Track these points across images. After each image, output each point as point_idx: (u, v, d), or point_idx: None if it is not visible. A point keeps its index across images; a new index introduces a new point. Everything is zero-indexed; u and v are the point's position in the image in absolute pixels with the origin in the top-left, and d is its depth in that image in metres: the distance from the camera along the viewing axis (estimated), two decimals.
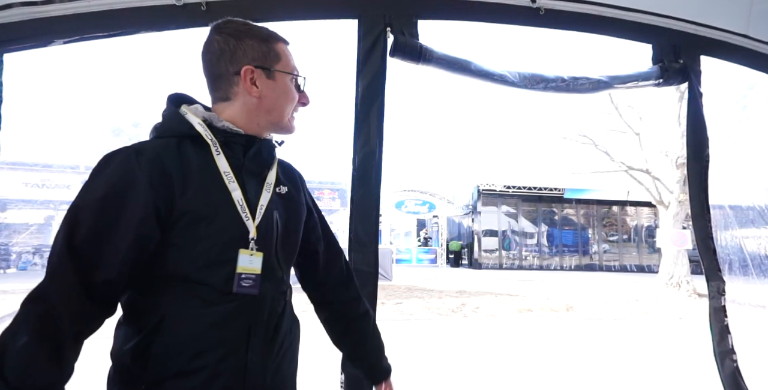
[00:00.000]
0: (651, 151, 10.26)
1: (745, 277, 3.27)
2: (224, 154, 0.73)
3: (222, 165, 0.73)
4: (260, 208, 0.75)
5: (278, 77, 0.77)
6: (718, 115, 5.29)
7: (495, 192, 16.98)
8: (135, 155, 0.66)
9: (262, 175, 0.79)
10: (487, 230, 16.99)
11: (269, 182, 0.79)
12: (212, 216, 0.69)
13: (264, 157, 0.79)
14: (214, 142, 0.73)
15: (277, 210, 0.79)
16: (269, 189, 0.79)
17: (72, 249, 0.60)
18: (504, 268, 16.50)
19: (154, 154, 0.67)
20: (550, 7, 1.37)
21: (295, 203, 0.84)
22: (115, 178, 0.63)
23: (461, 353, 4.02)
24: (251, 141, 0.77)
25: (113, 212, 0.62)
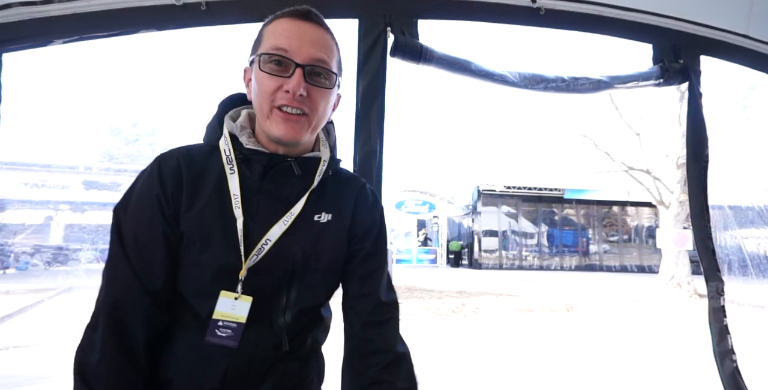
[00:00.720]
0: (651, 151, 10.26)
1: (745, 278, 3.27)
2: (239, 174, 0.65)
3: (233, 186, 0.64)
4: (264, 243, 0.63)
5: (254, 67, 0.63)
6: (719, 116, 5.30)
7: (495, 192, 16.98)
8: (158, 165, 0.64)
9: (285, 200, 0.66)
10: (487, 230, 16.99)
11: (293, 212, 0.65)
12: (205, 243, 0.62)
13: (292, 179, 0.66)
14: (230, 158, 0.65)
15: (301, 244, 0.65)
16: (289, 219, 0.65)
17: (125, 254, 0.61)
18: (504, 268, 16.50)
19: (175, 164, 0.64)
20: (551, 6, 1.37)
21: (334, 235, 0.69)
22: (142, 189, 0.64)
23: (461, 353, 4.02)
24: (274, 160, 0.66)
25: (141, 220, 0.63)
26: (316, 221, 0.68)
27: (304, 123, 0.63)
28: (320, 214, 0.69)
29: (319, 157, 0.70)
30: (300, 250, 0.66)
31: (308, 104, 0.62)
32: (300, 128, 0.63)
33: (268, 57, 0.61)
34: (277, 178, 0.66)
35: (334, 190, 0.73)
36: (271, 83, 0.61)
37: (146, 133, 18.37)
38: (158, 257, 0.61)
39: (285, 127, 0.62)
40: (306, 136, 0.65)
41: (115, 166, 14.98)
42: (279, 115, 0.62)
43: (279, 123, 0.62)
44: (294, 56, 0.61)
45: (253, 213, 0.64)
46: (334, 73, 0.65)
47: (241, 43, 1.80)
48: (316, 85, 0.63)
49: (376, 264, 0.74)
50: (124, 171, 14.22)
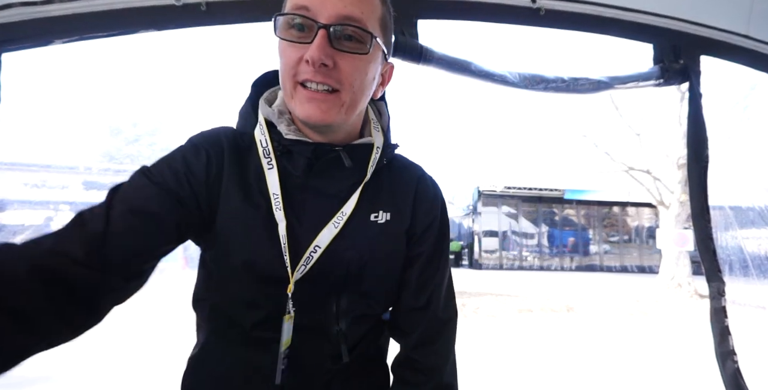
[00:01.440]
0: (652, 151, 10.26)
1: (746, 278, 3.27)
2: (278, 169, 0.54)
3: (272, 184, 0.54)
4: (312, 251, 0.54)
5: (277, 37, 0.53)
6: (719, 116, 5.30)
7: (495, 193, 16.97)
8: (201, 139, 0.56)
9: (335, 198, 0.56)
10: (487, 231, 16.99)
11: (345, 211, 0.56)
12: (245, 248, 0.53)
13: (342, 172, 0.56)
14: (267, 151, 0.54)
15: (357, 248, 0.56)
16: (340, 220, 0.55)
17: (109, 209, 0.51)
18: (504, 268, 16.49)
19: (220, 144, 0.55)
20: (551, 7, 1.37)
21: (393, 238, 0.60)
22: (177, 156, 0.55)
23: (461, 353, 4.01)
24: (320, 150, 0.54)
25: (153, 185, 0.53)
26: (373, 221, 0.58)
27: (334, 101, 0.50)
28: (377, 212, 0.58)
29: (371, 144, 0.59)
30: (356, 255, 0.56)
31: (336, 77, 0.49)
32: (328, 108, 0.50)
33: (285, 20, 0.49)
34: (325, 172, 0.55)
35: (390, 182, 0.61)
36: (291, 53, 0.49)
37: (146, 133, 18.38)
38: (141, 235, 0.45)
39: (310, 108, 0.50)
40: (339, 116, 0.52)
41: (115, 167, 14.99)
42: (303, 93, 0.50)
43: (303, 102, 0.50)
44: (317, 15, 0.47)
45: (299, 215, 0.54)
46: (370, 33, 0.50)
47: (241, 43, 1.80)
48: (346, 50, 0.49)
49: (435, 270, 0.64)
50: (124, 171, 14.24)
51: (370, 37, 0.50)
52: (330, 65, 0.48)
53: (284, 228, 0.53)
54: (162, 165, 0.51)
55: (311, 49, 0.47)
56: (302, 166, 0.55)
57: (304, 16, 0.48)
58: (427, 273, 0.63)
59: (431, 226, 0.64)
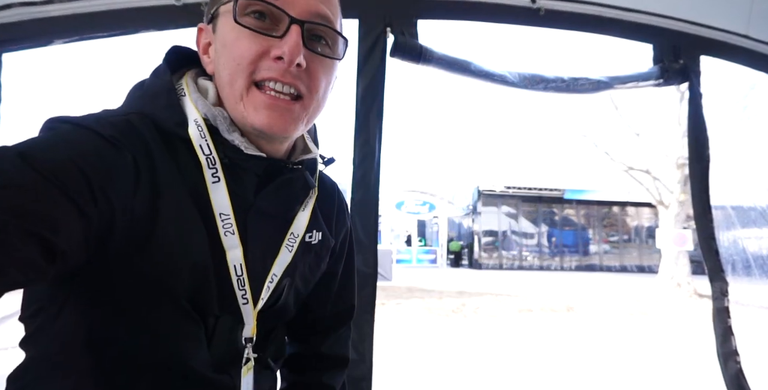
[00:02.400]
0: (651, 151, 10.27)
1: (749, 278, 3.26)
2: (226, 183, 0.43)
3: (219, 201, 0.42)
4: (270, 281, 0.47)
5: (220, 22, 0.43)
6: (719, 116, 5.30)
7: (495, 192, 16.98)
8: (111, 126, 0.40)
9: (281, 219, 0.49)
10: (487, 231, 16.99)
11: (295, 232, 0.49)
12: (183, 281, 0.41)
13: (295, 193, 0.49)
14: (212, 160, 0.42)
15: (292, 276, 0.50)
16: (293, 244, 0.49)
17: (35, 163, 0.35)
18: (504, 268, 16.49)
19: (141, 138, 0.40)
20: (550, 7, 1.37)
21: (321, 259, 0.56)
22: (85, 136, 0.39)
23: (461, 353, 4.01)
24: (274, 167, 0.46)
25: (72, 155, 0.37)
26: (309, 243, 0.52)
27: (299, 111, 0.43)
28: (311, 232, 0.52)
29: (315, 160, 0.53)
30: (288, 281, 0.50)
31: (305, 81, 0.42)
32: (294, 118, 0.42)
33: (246, 4, 0.40)
34: (274, 192, 0.46)
35: (321, 199, 0.55)
36: (252, 46, 0.40)
37: None
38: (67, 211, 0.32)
39: (271, 116, 0.41)
40: (300, 129, 0.45)
41: None
42: (260, 98, 0.41)
43: (259, 109, 0.41)
44: (287, 6, 0.40)
45: (244, 240, 0.45)
46: (343, 36, 0.45)
47: None
48: (320, 53, 0.43)
49: (352, 281, 0.66)
50: None
51: (341, 41, 0.45)
52: (303, 67, 0.41)
53: (240, 256, 0.43)
54: (58, 155, 0.34)
55: (287, 46, 0.39)
56: (250, 184, 0.45)
57: (273, 6, 0.40)
58: (348, 285, 0.65)
59: (345, 238, 0.63)
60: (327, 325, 0.65)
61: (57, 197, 0.31)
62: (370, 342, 1.14)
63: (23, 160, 0.31)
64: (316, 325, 0.65)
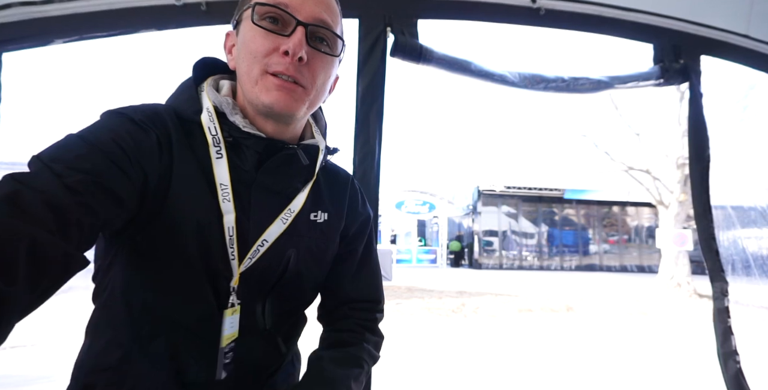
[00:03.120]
0: (651, 151, 10.27)
1: (748, 278, 3.26)
2: (228, 159, 0.54)
3: (220, 174, 0.53)
4: (260, 245, 0.55)
5: (242, 25, 0.54)
6: (719, 116, 5.30)
7: (495, 192, 16.98)
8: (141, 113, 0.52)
9: (281, 195, 0.58)
10: (487, 230, 16.99)
11: (292, 208, 0.58)
12: (189, 237, 0.51)
13: (293, 171, 0.58)
14: (217, 140, 0.53)
15: (297, 246, 0.59)
16: (288, 217, 0.57)
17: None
18: (504, 268, 16.49)
19: (165, 123, 0.52)
20: (551, 7, 1.37)
21: (330, 238, 0.63)
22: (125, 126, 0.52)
23: (461, 353, 4.01)
24: (271, 147, 0.55)
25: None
26: (313, 220, 0.61)
27: (301, 94, 0.53)
28: (317, 212, 0.61)
29: (317, 146, 0.61)
30: (295, 252, 0.58)
31: (306, 74, 0.52)
32: (297, 98, 0.52)
33: (264, 10, 0.51)
34: (275, 169, 0.56)
35: (328, 184, 0.65)
36: (265, 42, 0.50)
37: None
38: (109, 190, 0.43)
39: (279, 95, 0.51)
40: (302, 110, 0.54)
41: None
42: (272, 80, 0.51)
43: (270, 89, 0.51)
44: (296, 13, 0.51)
45: (246, 208, 0.54)
46: (340, 38, 0.55)
47: None
48: (319, 49, 0.53)
49: (370, 270, 0.72)
50: None
51: (339, 42, 0.56)
52: (305, 60, 0.51)
53: (233, 220, 0.53)
54: (104, 136, 0.46)
55: (292, 43, 0.50)
56: (251, 160, 0.55)
57: (284, 12, 0.51)
58: (369, 267, 0.71)
59: (363, 229, 0.70)
60: (351, 309, 0.69)
61: (109, 163, 0.44)
62: None
63: (83, 140, 0.45)
64: (339, 310, 0.69)
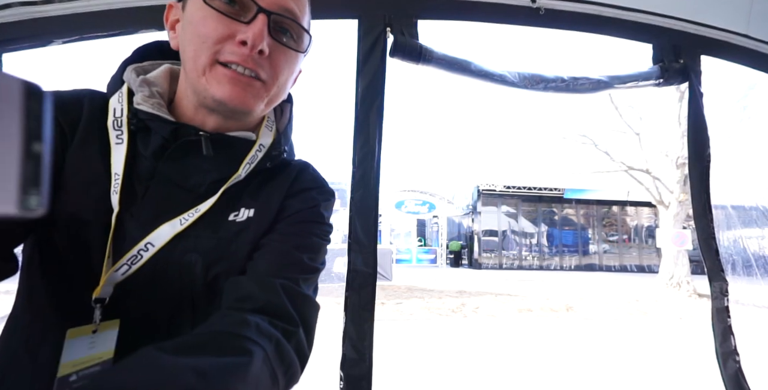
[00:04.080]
0: (651, 151, 10.27)
1: (749, 278, 3.26)
2: (128, 146, 0.46)
3: (115, 162, 0.45)
4: (142, 249, 0.45)
5: (189, 1, 0.46)
6: (719, 115, 5.30)
7: (495, 192, 16.98)
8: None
9: (188, 192, 0.48)
10: (486, 230, 17.00)
11: (200, 208, 0.47)
12: (66, 237, 0.44)
13: (201, 163, 0.47)
14: (119, 122, 0.46)
15: (202, 251, 0.47)
16: (189, 217, 0.47)
17: None
18: (504, 268, 16.50)
19: (77, 104, 0.47)
20: (551, 6, 1.37)
21: (254, 235, 0.51)
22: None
23: (461, 353, 4.01)
24: (181, 132, 0.46)
25: None
26: (231, 221, 0.50)
27: (260, 89, 0.46)
28: (237, 210, 0.50)
29: (249, 140, 0.51)
30: (199, 259, 0.47)
31: (267, 69, 0.45)
32: (255, 94, 0.46)
33: None
34: (180, 158, 0.46)
35: (264, 181, 0.53)
36: (218, 27, 0.43)
37: None
38: None
39: (232, 89, 0.44)
40: (259, 108, 0.48)
41: None
42: (223, 72, 0.44)
43: (222, 82, 0.44)
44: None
45: (136, 204, 0.46)
46: (307, 32, 0.49)
47: None
48: (283, 43, 0.46)
49: (296, 246, 0.51)
50: None
51: (306, 36, 0.49)
52: (266, 54, 0.44)
53: (114, 216, 0.44)
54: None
55: (252, 32, 0.42)
56: (154, 146, 0.46)
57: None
58: (285, 243, 0.51)
59: (304, 209, 0.54)
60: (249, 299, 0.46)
61: None
62: (370, 341, 1.14)
63: None
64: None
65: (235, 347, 0.36)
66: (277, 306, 0.44)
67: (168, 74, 0.52)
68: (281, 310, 0.44)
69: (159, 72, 0.52)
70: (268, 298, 0.44)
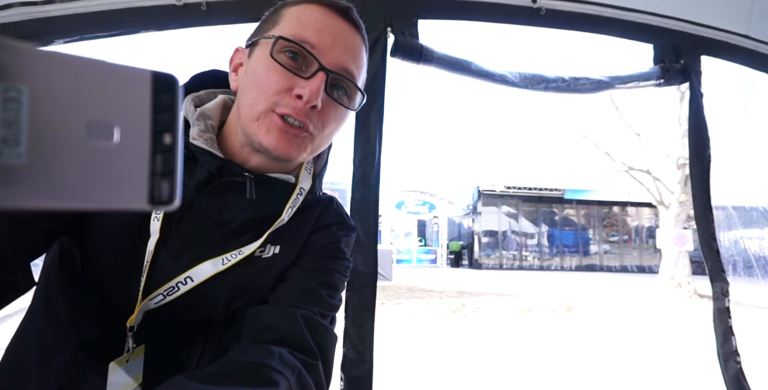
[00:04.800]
0: (652, 151, 10.26)
1: (750, 278, 3.26)
2: None
3: None
4: (181, 282, 0.46)
5: (257, 51, 0.48)
6: (720, 116, 5.29)
7: (495, 192, 16.98)
8: None
9: (225, 228, 0.49)
10: (487, 231, 16.99)
11: (244, 251, 0.49)
12: (106, 261, 0.46)
13: (241, 202, 0.49)
14: None
15: (228, 286, 0.49)
16: (233, 259, 0.48)
17: None
18: (504, 268, 16.49)
19: None
20: (551, 7, 1.37)
21: (278, 271, 0.53)
22: None
23: (461, 353, 4.01)
24: (226, 169, 0.48)
25: None
26: (257, 257, 0.51)
27: (306, 140, 0.48)
28: (264, 247, 0.51)
29: (289, 183, 0.53)
30: (223, 292, 0.49)
31: (316, 121, 0.47)
32: (300, 144, 0.47)
33: (286, 45, 0.45)
34: (220, 194, 0.48)
35: (291, 219, 0.54)
36: (280, 80, 0.45)
37: None
38: None
39: (280, 139, 0.46)
40: (302, 157, 0.49)
41: None
42: (276, 121, 0.45)
43: (272, 130, 0.45)
44: (321, 56, 0.46)
45: (170, 233, 0.47)
46: (362, 92, 0.51)
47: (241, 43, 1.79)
48: (337, 100, 0.48)
49: (320, 282, 0.53)
50: None
51: (359, 95, 0.51)
52: (318, 108, 0.46)
53: (153, 243, 0.46)
54: None
55: (310, 89, 0.44)
56: (198, 179, 0.48)
57: (309, 53, 0.46)
58: (311, 279, 0.53)
59: (326, 244, 0.56)
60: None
61: None
62: (370, 341, 1.14)
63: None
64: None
65: (262, 378, 0.39)
66: (298, 337, 0.46)
67: (222, 106, 0.54)
68: (302, 342, 0.46)
69: (214, 104, 0.54)
70: (288, 329, 0.46)
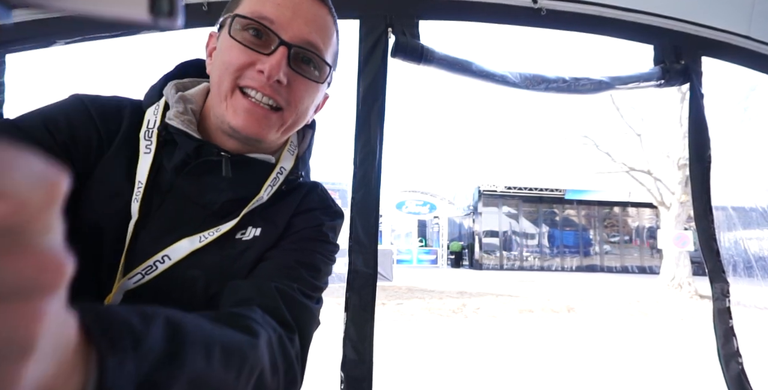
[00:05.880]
0: (652, 151, 10.26)
1: (750, 279, 3.25)
2: (154, 156, 0.48)
3: (141, 170, 0.48)
4: (158, 260, 0.46)
5: (222, 32, 0.49)
6: (720, 116, 5.29)
7: (496, 193, 16.98)
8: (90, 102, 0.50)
9: (203, 208, 0.50)
10: (487, 231, 16.99)
11: (221, 228, 0.49)
12: (86, 239, 0.45)
13: (219, 182, 0.49)
14: (150, 133, 0.49)
15: (205, 267, 0.48)
16: (210, 236, 0.48)
17: None
18: (505, 268, 16.48)
19: (101, 111, 0.49)
20: (552, 7, 1.37)
21: (248, 256, 0.51)
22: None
23: (462, 354, 4.01)
24: (204, 150, 0.49)
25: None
26: (237, 239, 0.50)
27: (275, 120, 0.49)
28: (245, 229, 0.51)
29: (269, 163, 0.53)
30: (201, 275, 0.48)
31: (285, 96, 0.48)
32: (268, 124, 0.48)
33: (244, 22, 0.46)
34: (199, 175, 0.49)
35: (273, 202, 0.54)
36: (240, 55, 0.46)
37: None
38: None
39: (247, 119, 0.47)
40: (274, 135, 0.50)
41: None
42: (241, 101, 0.47)
43: (238, 111, 0.47)
44: (281, 31, 0.46)
45: (150, 214, 0.48)
46: (328, 64, 0.51)
47: None
48: (302, 74, 0.49)
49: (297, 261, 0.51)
50: None
51: (327, 67, 0.51)
52: (284, 83, 0.47)
53: (133, 224, 0.46)
54: (37, 123, 0.45)
55: (270, 64, 0.45)
56: (176, 161, 0.48)
57: (267, 28, 0.46)
58: (286, 256, 0.51)
59: (308, 227, 0.54)
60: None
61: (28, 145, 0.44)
62: (370, 342, 1.14)
63: (15, 127, 0.44)
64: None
65: (243, 326, 0.37)
66: (275, 310, 0.44)
67: (205, 93, 0.55)
68: (279, 316, 0.44)
69: (197, 90, 0.55)
70: (263, 301, 0.44)
